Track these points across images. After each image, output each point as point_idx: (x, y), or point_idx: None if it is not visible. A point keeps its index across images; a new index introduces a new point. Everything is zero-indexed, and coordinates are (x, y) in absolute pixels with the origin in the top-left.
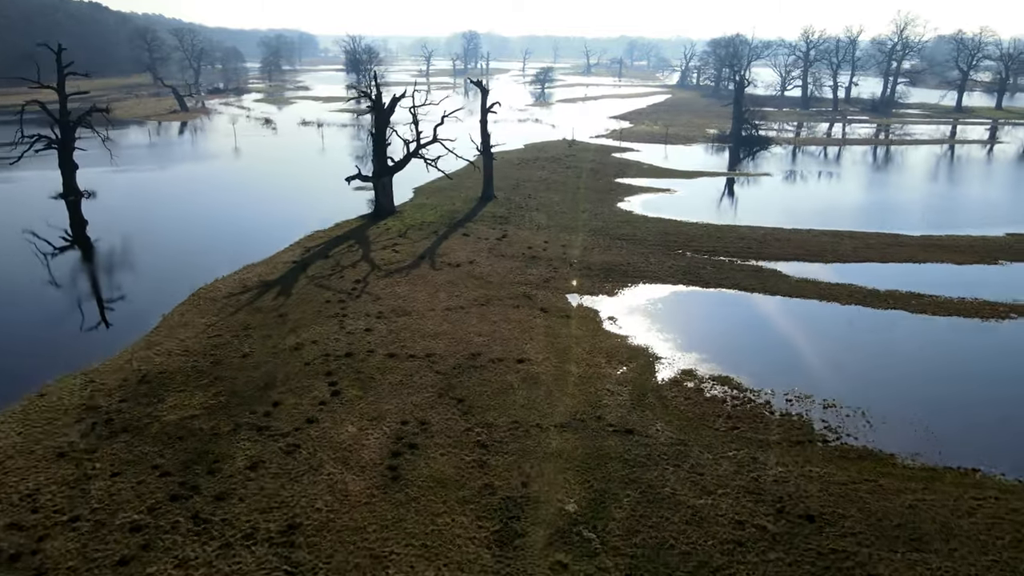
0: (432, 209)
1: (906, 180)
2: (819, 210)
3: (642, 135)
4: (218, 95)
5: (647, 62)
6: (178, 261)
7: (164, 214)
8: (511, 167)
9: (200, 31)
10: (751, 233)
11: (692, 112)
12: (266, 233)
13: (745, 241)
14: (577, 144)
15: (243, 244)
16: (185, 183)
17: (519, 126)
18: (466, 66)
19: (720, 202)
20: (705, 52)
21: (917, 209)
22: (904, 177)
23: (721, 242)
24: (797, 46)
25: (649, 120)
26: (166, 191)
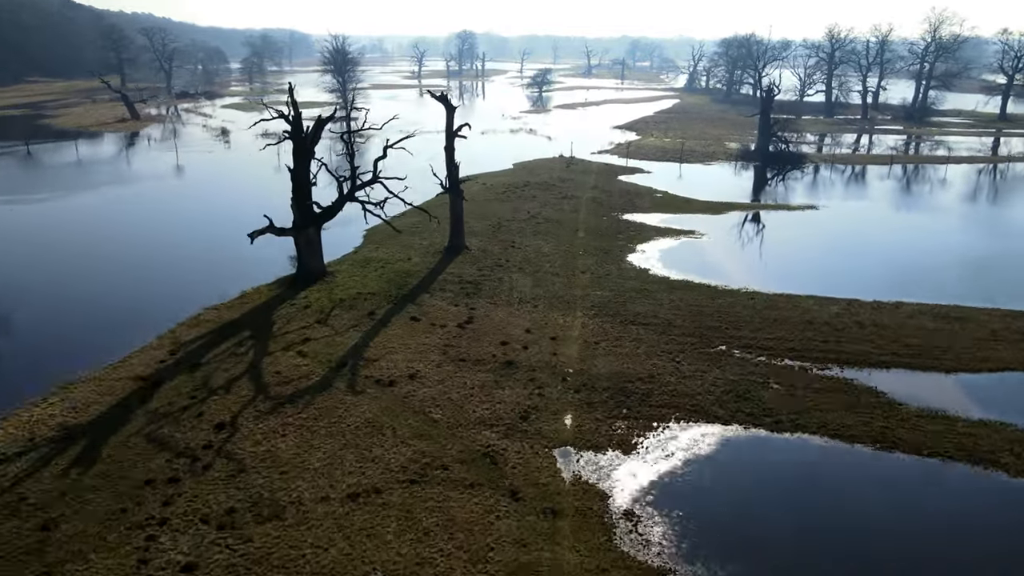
0: (378, 269)
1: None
2: (899, 268)
3: (652, 151)
4: (187, 99)
5: (650, 63)
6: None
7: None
8: (494, 198)
9: (179, 29)
10: (818, 311)
11: (705, 120)
12: (133, 313)
13: (814, 327)
14: (576, 163)
15: (83, 336)
16: (67, 223)
17: (511, 138)
18: (461, 67)
19: (761, 251)
20: (715, 53)
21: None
22: (1015, 212)
23: (779, 327)
24: (821, 46)
25: (658, 131)
26: (31, 236)
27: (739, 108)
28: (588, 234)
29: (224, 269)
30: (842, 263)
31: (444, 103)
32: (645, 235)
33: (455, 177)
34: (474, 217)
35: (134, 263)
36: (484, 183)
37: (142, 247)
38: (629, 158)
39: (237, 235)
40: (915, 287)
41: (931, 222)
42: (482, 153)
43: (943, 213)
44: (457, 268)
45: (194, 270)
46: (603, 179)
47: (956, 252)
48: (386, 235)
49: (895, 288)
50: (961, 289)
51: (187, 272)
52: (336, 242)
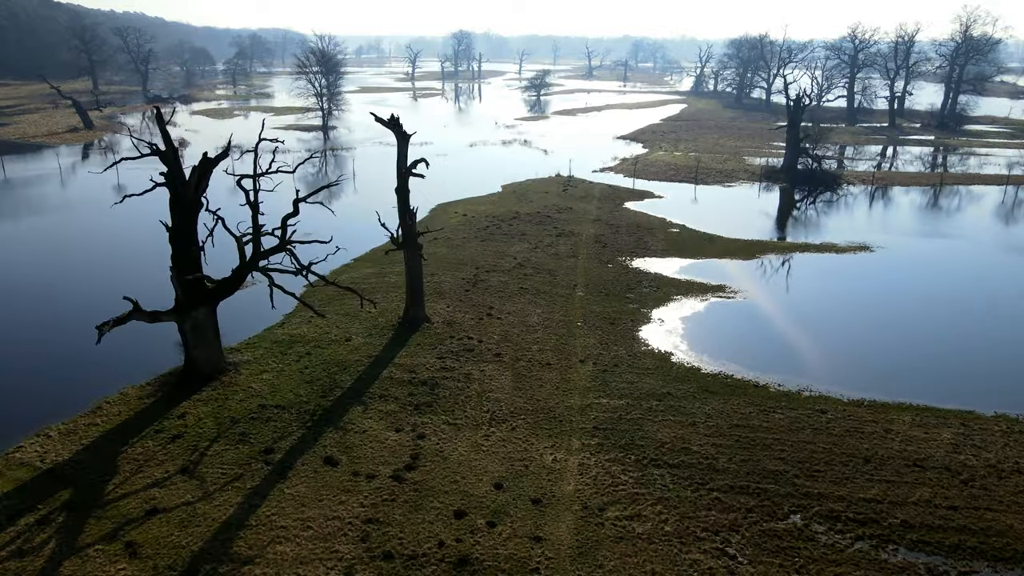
0: (301, 358)
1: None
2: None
3: (662, 168)
4: (159, 104)
5: (653, 64)
6: None
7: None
8: (474, 235)
9: (171, 29)
10: (925, 440)
11: (719, 129)
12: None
13: (928, 474)
14: (575, 184)
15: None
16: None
17: (502, 152)
18: (456, 68)
19: (815, 318)
20: (724, 55)
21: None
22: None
23: (875, 474)
24: (842, 47)
25: (667, 143)
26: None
27: (751, 114)
28: (590, 292)
29: (86, 360)
30: (929, 341)
31: (395, 130)
32: (663, 293)
33: (410, 229)
34: (446, 265)
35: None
36: (465, 213)
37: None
38: (636, 178)
39: (111, 304)
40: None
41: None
42: (468, 171)
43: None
44: (410, 356)
45: (36, 365)
46: (607, 206)
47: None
48: (329, 296)
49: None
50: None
51: (24, 370)
52: (258, 306)
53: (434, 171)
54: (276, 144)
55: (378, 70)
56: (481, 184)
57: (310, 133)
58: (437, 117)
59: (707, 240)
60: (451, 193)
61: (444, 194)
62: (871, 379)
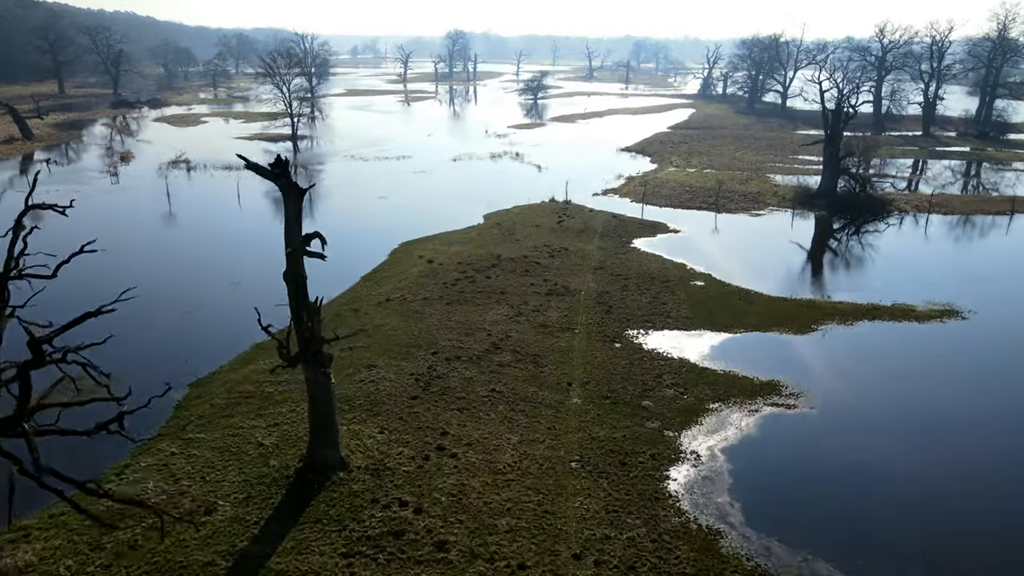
0: (113, 562)
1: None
2: None
3: (675, 191)
4: (124, 108)
5: (655, 64)
6: None
7: None
8: (437, 295)
9: (161, 28)
10: None
11: (734, 139)
12: None
13: None
14: (573, 212)
15: None
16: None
17: (490, 168)
18: (451, 70)
19: (932, 455)
20: (734, 55)
21: None
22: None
23: None
24: (868, 48)
25: (679, 156)
26: None
27: (767, 121)
28: (590, 397)
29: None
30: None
31: (279, 181)
32: (693, 398)
33: (310, 334)
34: (393, 348)
35: None
36: (432, 259)
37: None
38: (646, 203)
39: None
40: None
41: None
42: (445, 195)
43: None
44: (298, 551)
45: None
46: (611, 245)
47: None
48: (208, 415)
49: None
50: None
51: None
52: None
53: (405, 196)
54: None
55: (372, 71)
56: (459, 213)
57: (277, 144)
58: (424, 123)
59: (742, 299)
60: (421, 226)
61: (412, 228)
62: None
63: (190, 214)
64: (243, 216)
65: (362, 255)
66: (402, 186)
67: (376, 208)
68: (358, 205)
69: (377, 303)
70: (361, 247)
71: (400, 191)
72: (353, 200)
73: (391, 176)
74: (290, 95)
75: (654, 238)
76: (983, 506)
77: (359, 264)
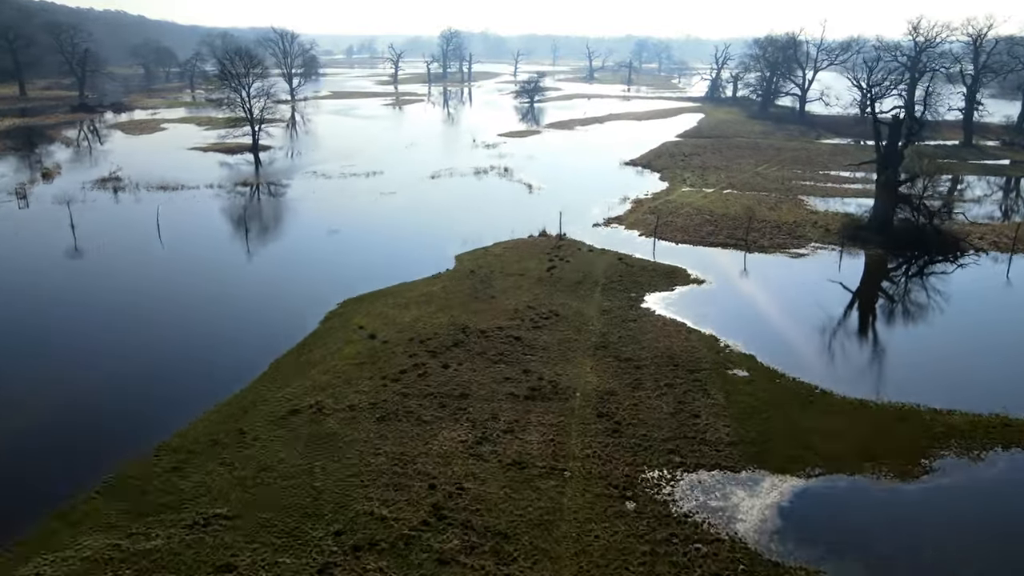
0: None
1: None
2: None
3: (694, 219)
4: (84, 113)
5: (658, 65)
6: None
7: None
8: (369, 400)
9: (150, 27)
10: None
11: (753, 149)
12: None
13: None
14: (569, 250)
15: None
16: None
17: (473, 187)
18: (445, 70)
19: None
20: (746, 55)
21: None
22: None
23: None
24: (900, 47)
25: (693, 172)
26: None
27: (785, 127)
28: None
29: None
30: None
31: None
32: None
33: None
34: (267, 524)
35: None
36: (375, 332)
37: None
38: (658, 236)
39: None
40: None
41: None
42: (413, 228)
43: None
44: None
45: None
46: (618, 306)
47: None
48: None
49: None
50: None
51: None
52: None
53: (363, 228)
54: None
55: (366, 72)
56: (426, 253)
57: (235, 157)
58: (408, 130)
59: (805, 403)
60: (373, 275)
61: (361, 277)
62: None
63: (92, 254)
64: (161, 257)
65: (284, 322)
66: (363, 215)
67: (321, 248)
68: (298, 244)
69: (277, 418)
70: (285, 309)
71: (358, 221)
72: (295, 237)
73: (353, 200)
74: (250, 100)
75: (672, 292)
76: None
77: (277, 337)
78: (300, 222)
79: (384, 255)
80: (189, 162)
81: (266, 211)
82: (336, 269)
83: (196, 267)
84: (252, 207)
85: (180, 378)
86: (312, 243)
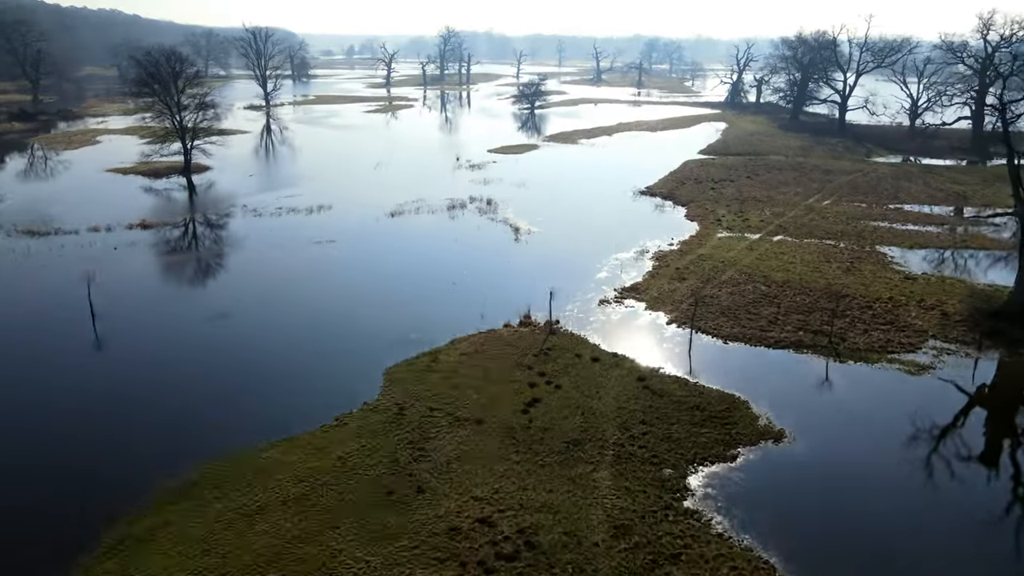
0: None
1: None
2: None
3: (740, 290)
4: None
5: (669, 66)
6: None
7: None
8: None
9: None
10: None
11: (796, 171)
12: None
13: None
14: (559, 360)
15: None
16: None
17: (444, 228)
18: (443, 71)
19: None
20: (771, 56)
21: None
22: None
23: None
24: (967, 45)
25: (727, 207)
26: None
27: (824, 141)
28: None
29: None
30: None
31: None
32: None
33: None
34: None
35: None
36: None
37: None
38: (698, 329)
39: None
40: None
41: None
42: (336, 313)
43: None
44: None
45: None
46: (641, 511)
47: None
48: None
49: None
50: None
51: None
52: None
53: (246, 322)
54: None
55: (365, 73)
56: (336, 366)
57: (163, 181)
58: (382, 144)
59: None
60: (228, 422)
61: (199, 434)
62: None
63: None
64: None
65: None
66: (271, 284)
67: (170, 364)
68: (140, 348)
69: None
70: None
71: (259, 297)
72: (137, 333)
73: (273, 254)
74: (180, 111)
75: (733, 465)
76: None
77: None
78: (170, 302)
79: (269, 375)
80: (99, 189)
81: (129, 277)
82: (164, 416)
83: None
84: (112, 269)
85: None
86: (162, 350)
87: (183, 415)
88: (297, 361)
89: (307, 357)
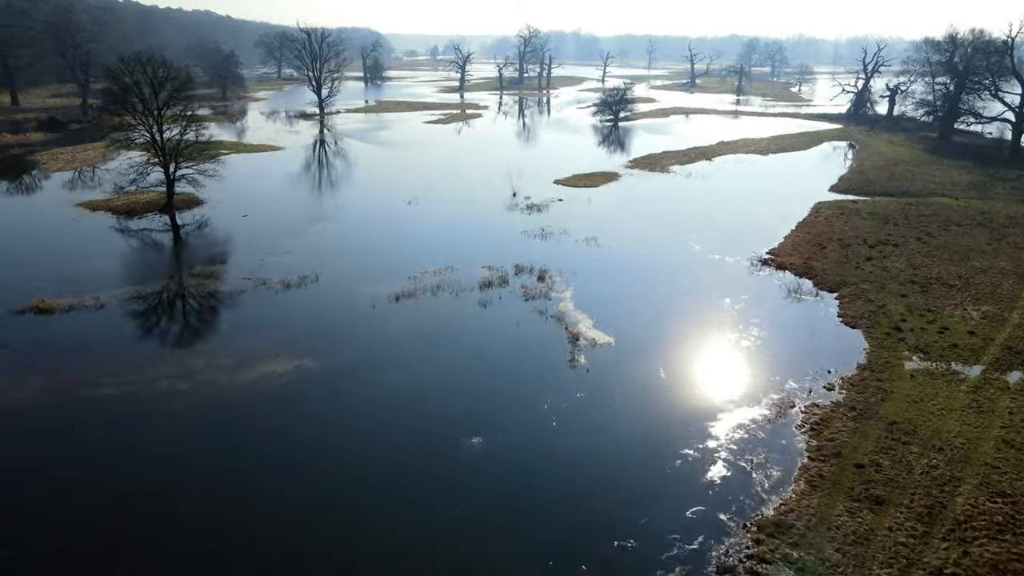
0: None
1: None
2: None
3: (1000, 526)
4: (43, 133)
5: (771, 68)
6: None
7: None
8: None
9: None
10: None
11: (987, 230)
12: None
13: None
14: None
15: None
16: None
17: (469, 330)
18: (522, 75)
19: None
20: (911, 60)
21: None
22: None
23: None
24: None
25: (909, 306)
26: None
27: (999, 173)
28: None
29: None
30: None
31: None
32: None
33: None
34: None
35: None
36: None
37: None
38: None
39: None
40: None
41: None
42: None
43: None
44: None
45: None
46: None
47: None
48: None
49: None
50: None
51: None
52: None
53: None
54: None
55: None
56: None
57: (143, 221)
58: (430, 169)
59: None
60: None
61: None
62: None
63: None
64: None
65: None
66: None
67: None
68: None
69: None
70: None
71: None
72: None
73: (201, 377)
74: (161, 131)
75: None
76: None
77: None
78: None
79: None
80: (48, 231)
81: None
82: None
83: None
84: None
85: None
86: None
87: None
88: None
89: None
